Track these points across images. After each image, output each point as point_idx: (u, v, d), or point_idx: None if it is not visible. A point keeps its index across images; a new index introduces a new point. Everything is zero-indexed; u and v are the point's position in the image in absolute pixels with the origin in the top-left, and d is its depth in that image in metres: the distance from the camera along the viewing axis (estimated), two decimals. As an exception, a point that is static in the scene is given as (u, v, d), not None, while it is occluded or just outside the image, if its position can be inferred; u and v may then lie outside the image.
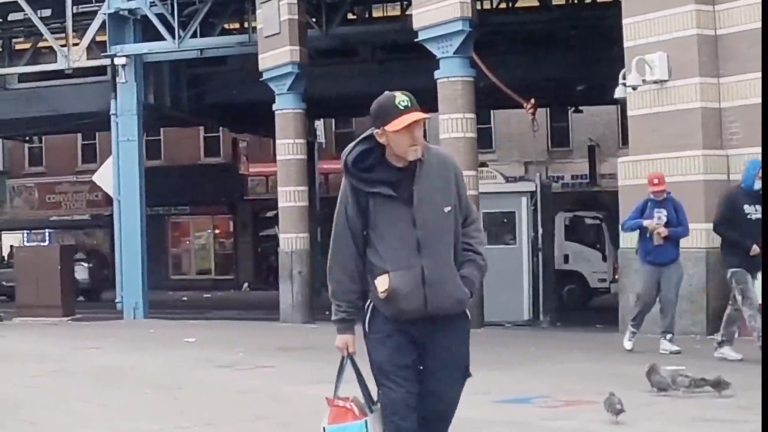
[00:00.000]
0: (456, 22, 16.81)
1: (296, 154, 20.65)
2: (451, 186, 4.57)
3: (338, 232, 4.57)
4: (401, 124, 4.42)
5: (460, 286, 4.54)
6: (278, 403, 8.86)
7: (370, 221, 4.49)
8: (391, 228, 4.46)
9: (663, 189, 11.87)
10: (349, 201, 4.52)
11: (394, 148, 4.47)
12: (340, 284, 4.60)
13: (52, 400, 9.55)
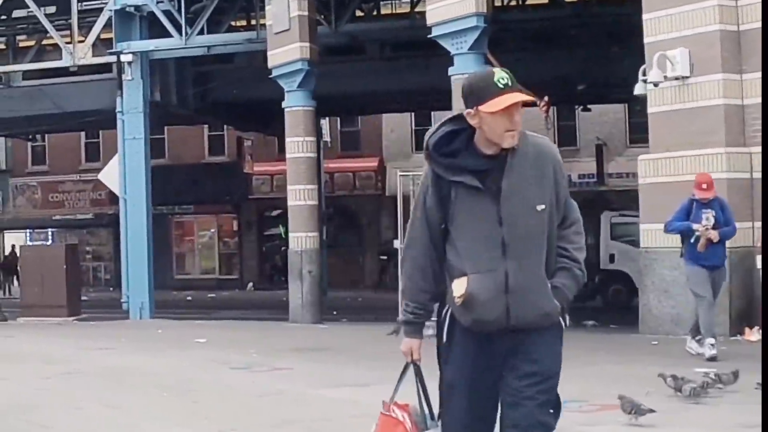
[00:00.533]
0: (470, 18, 16.56)
1: (306, 152, 20.40)
2: (548, 181, 3.97)
3: (414, 222, 4.06)
4: (499, 105, 3.80)
5: (549, 296, 3.94)
6: (302, 407, 8.57)
7: (450, 214, 3.95)
8: (473, 224, 3.92)
9: (711, 195, 11.13)
10: (429, 189, 3.97)
11: (486, 132, 3.87)
12: (411, 281, 4.09)
13: (66, 402, 9.27)
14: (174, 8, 22.73)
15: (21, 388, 10.27)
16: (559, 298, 3.97)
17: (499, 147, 3.90)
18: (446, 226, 3.98)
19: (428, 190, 3.98)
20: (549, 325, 3.99)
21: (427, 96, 28.81)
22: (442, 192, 3.95)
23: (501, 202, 3.89)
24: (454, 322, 4.01)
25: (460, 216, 3.94)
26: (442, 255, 4.01)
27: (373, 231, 37.34)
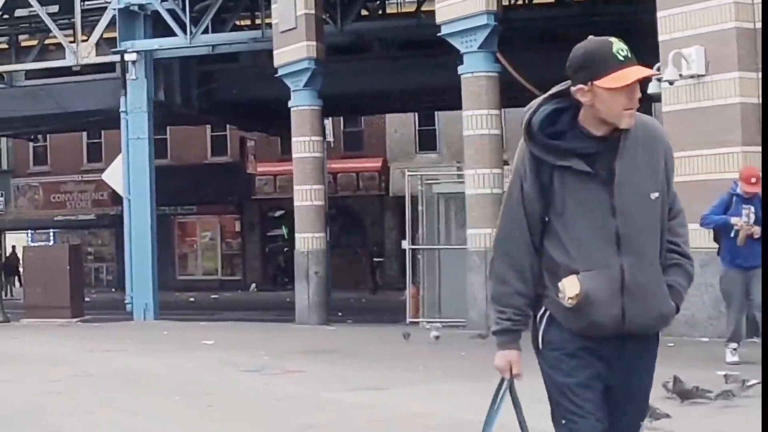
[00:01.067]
0: (481, 15, 16.38)
1: (312, 152, 20.21)
2: (660, 166, 3.56)
3: (509, 214, 3.52)
4: (622, 80, 3.34)
5: (666, 296, 3.52)
6: (320, 411, 8.37)
7: (553, 203, 3.46)
8: (583, 214, 3.43)
9: (758, 191, 10.36)
10: (528, 175, 3.47)
11: (601, 110, 3.38)
12: (505, 283, 3.52)
13: (76, 407, 9.07)
14: (178, 7, 22.55)
15: (29, 392, 10.08)
16: (675, 299, 3.57)
17: (610, 128, 3.44)
18: (549, 218, 3.50)
19: (526, 176, 3.48)
20: (656, 333, 3.61)
21: (433, 96, 28.68)
22: (543, 179, 3.47)
23: (614, 190, 3.43)
24: (553, 324, 3.52)
25: (567, 206, 3.46)
26: (540, 251, 3.54)
27: (377, 232, 37.15)
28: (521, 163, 3.51)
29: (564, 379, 3.51)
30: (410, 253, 19.26)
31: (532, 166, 3.48)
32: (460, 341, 14.33)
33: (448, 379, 10.21)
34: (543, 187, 3.46)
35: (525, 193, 3.49)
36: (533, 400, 3.74)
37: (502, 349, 3.62)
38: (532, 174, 3.48)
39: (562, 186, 3.45)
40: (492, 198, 16.70)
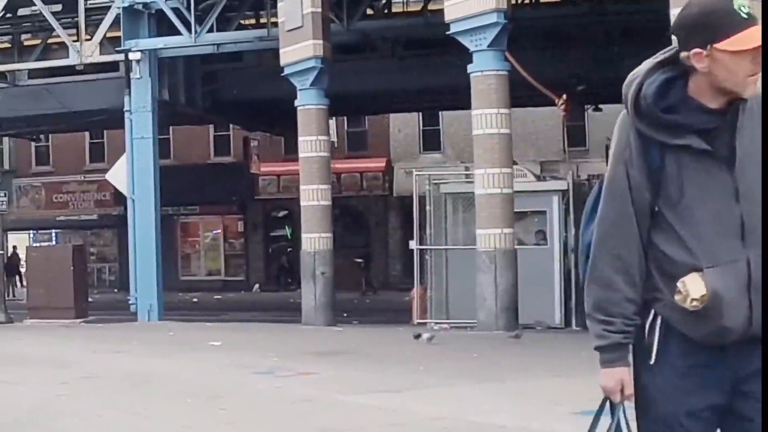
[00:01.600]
0: (491, 14, 16.22)
1: (319, 152, 20.02)
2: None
3: (613, 206, 2.97)
4: (748, 42, 2.79)
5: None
6: (336, 415, 8.20)
7: (665, 191, 2.95)
8: (703, 201, 2.94)
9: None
10: (635, 159, 2.93)
11: (721, 77, 2.85)
12: (612, 289, 2.97)
13: (87, 409, 8.90)
14: (183, 6, 22.38)
15: (36, 394, 9.91)
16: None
17: (727, 98, 2.91)
18: (659, 207, 2.98)
19: (632, 160, 2.94)
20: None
21: (439, 95, 28.54)
22: (652, 161, 2.94)
23: (736, 171, 2.93)
24: (670, 334, 2.98)
25: (685, 193, 2.96)
26: (648, 246, 3.02)
27: (381, 232, 36.99)
28: (625, 145, 2.96)
29: (674, 405, 2.98)
30: (418, 254, 19.07)
31: (639, 147, 2.95)
32: (471, 343, 14.19)
33: (463, 382, 10.05)
34: (652, 173, 2.94)
35: (632, 179, 2.95)
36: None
37: (610, 367, 3.01)
38: (639, 157, 2.95)
39: (678, 170, 2.93)
40: (502, 198, 16.55)
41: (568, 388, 9.29)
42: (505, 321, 16.20)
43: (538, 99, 21.79)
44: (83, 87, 26.23)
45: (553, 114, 33.31)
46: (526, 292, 16.89)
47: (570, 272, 18.48)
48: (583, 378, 10.15)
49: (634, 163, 2.94)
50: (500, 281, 16.39)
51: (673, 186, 2.94)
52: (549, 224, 18.86)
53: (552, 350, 13.24)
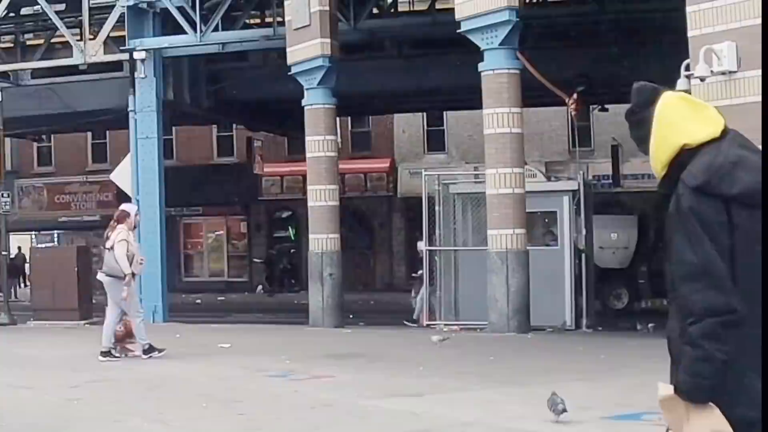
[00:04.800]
0: (502, 12, 16.01)
1: (327, 152, 19.79)
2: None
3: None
4: None
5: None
6: (360, 420, 8.00)
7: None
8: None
9: None
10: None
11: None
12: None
13: (102, 415, 8.70)
14: (188, 4, 22.17)
15: (50, 399, 9.73)
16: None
17: None
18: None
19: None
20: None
21: (445, 95, 28.35)
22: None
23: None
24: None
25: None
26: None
27: (385, 233, 36.79)
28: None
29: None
30: (427, 255, 18.87)
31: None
32: (485, 344, 14.00)
33: (484, 385, 9.86)
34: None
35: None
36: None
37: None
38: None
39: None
40: (513, 198, 16.35)
41: (594, 392, 9.12)
42: (517, 322, 16.01)
43: (546, 99, 21.63)
44: (87, 87, 26.00)
45: (557, 114, 33.17)
46: (536, 294, 16.71)
47: (581, 273, 18.33)
48: (607, 381, 10.04)
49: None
50: (512, 282, 16.20)
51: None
52: (559, 225, 18.69)
53: (568, 352, 13.04)
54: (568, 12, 23.89)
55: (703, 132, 3.05)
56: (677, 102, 3.12)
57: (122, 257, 13.06)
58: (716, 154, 2.97)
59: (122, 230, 13.34)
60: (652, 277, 24.74)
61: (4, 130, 23.52)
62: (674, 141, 3.04)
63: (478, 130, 20.25)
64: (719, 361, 2.76)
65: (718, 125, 3.08)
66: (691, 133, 3.04)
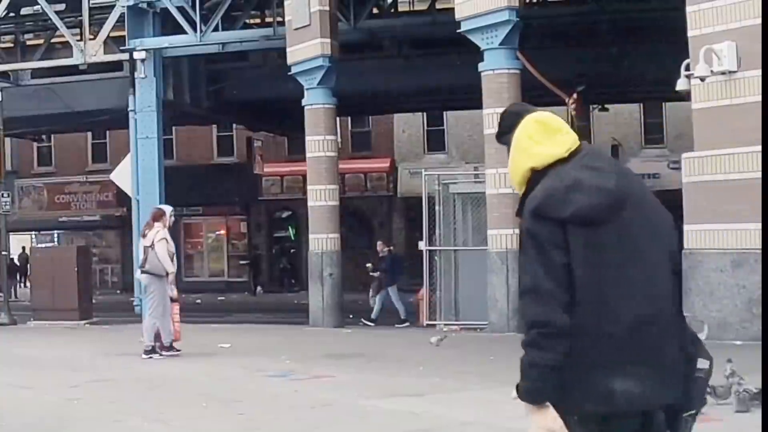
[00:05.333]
0: (503, 11, 16.02)
1: (327, 152, 19.80)
2: None
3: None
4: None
5: None
6: (361, 420, 8.00)
7: None
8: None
9: None
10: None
11: None
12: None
13: (102, 415, 8.70)
14: (188, 4, 22.18)
15: (49, 399, 9.72)
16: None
17: None
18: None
19: None
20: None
21: (445, 95, 28.35)
22: None
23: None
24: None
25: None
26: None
27: (385, 233, 36.75)
28: None
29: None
30: (427, 255, 18.86)
31: None
32: (485, 344, 14.00)
33: (484, 385, 9.86)
34: None
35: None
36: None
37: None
38: None
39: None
40: (513, 198, 16.31)
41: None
42: (517, 322, 15.97)
43: (546, 99, 21.57)
44: (87, 87, 26.01)
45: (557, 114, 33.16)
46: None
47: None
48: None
49: None
50: (512, 282, 16.16)
51: None
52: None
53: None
54: (568, 12, 23.89)
55: (548, 155, 3.20)
56: (532, 126, 3.27)
57: (164, 256, 13.13)
58: (555, 177, 3.16)
59: (160, 228, 13.39)
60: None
61: (4, 130, 23.52)
62: (523, 164, 3.24)
63: (478, 130, 20.25)
64: (543, 367, 3.04)
65: (566, 147, 3.22)
66: (538, 157, 3.21)
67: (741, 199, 13.16)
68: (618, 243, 3.13)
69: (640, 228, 3.17)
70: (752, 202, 12.45)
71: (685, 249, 14.15)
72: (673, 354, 3.17)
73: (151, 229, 13.43)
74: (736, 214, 13.29)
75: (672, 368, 3.16)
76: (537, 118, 3.30)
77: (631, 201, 3.18)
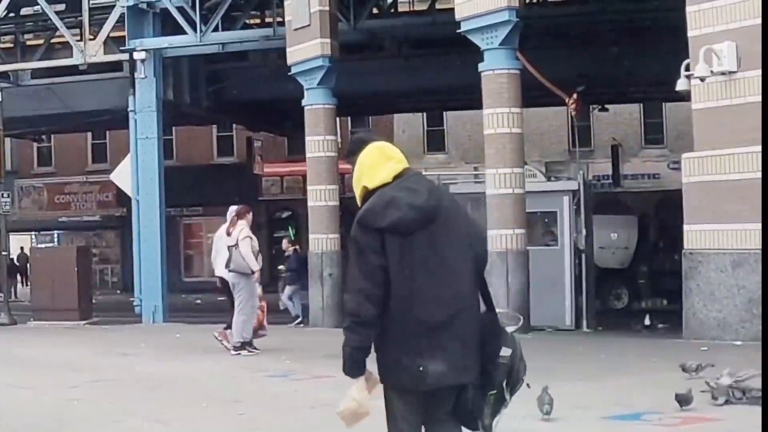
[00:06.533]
0: (503, 12, 15.97)
1: (327, 152, 19.80)
2: None
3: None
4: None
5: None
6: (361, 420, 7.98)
7: None
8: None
9: None
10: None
11: None
12: None
13: (102, 415, 8.70)
14: (188, 5, 22.18)
15: (49, 399, 9.73)
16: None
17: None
18: None
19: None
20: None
21: (445, 95, 28.37)
22: None
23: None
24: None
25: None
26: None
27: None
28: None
29: None
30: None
31: None
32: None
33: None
34: None
35: None
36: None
37: None
38: None
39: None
40: (514, 198, 16.34)
41: (593, 393, 9.12)
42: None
43: (546, 99, 21.62)
44: (87, 87, 26.02)
45: (557, 114, 33.17)
46: (536, 294, 16.70)
47: (581, 274, 18.33)
48: (607, 381, 10.03)
49: None
50: (512, 282, 16.18)
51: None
52: (559, 225, 18.69)
53: (568, 353, 13.04)
54: (568, 12, 23.88)
55: (378, 178, 4.02)
56: (372, 152, 4.08)
57: (249, 254, 13.19)
58: (377, 196, 3.98)
59: (244, 226, 13.43)
60: (652, 277, 24.78)
61: (4, 130, 23.53)
62: (361, 183, 4.08)
63: (478, 130, 20.23)
64: (352, 347, 4.00)
65: (393, 174, 4.04)
66: (371, 179, 4.04)
67: (741, 199, 13.16)
68: (426, 249, 3.89)
69: (446, 237, 3.93)
70: (752, 202, 12.46)
71: (685, 249, 14.18)
72: (472, 342, 3.93)
73: (235, 228, 13.45)
74: (736, 214, 13.29)
75: (471, 354, 3.93)
76: (377, 146, 4.08)
77: (441, 215, 3.95)
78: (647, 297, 24.74)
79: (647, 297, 24.74)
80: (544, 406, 7.33)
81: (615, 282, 24.13)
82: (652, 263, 25.13)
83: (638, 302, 24.51)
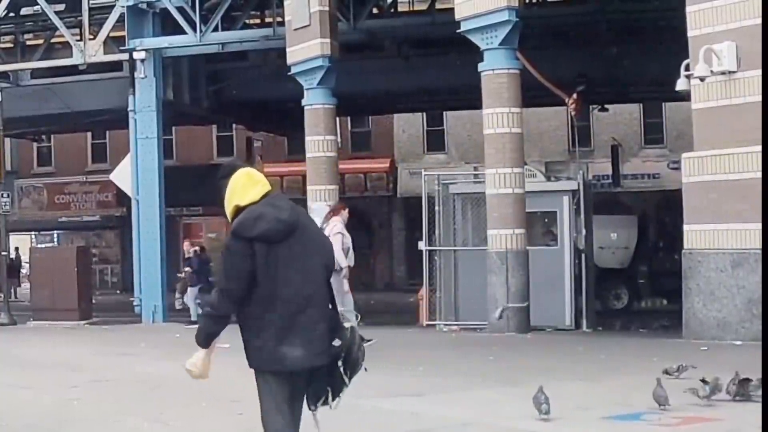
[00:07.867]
0: (502, 11, 16.01)
1: (327, 152, 19.82)
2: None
3: None
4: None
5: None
6: (360, 420, 7.97)
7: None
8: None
9: None
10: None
11: None
12: None
13: (102, 416, 8.70)
14: (188, 4, 22.18)
15: (49, 399, 9.72)
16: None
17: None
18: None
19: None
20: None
21: (445, 95, 28.37)
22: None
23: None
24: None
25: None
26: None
27: (385, 233, 36.79)
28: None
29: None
30: (427, 255, 18.85)
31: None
32: (484, 344, 13.99)
33: (484, 385, 9.87)
34: None
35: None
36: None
37: None
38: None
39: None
40: (513, 198, 16.36)
41: (594, 392, 9.13)
42: (517, 322, 16.02)
43: (546, 99, 21.63)
44: (87, 87, 26.02)
45: (557, 114, 33.17)
46: (535, 294, 16.72)
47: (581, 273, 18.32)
48: (607, 381, 10.03)
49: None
50: (512, 282, 16.20)
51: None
52: (559, 225, 18.68)
53: (568, 352, 13.04)
54: (568, 12, 23.88)
55: (248, 198, 4.82)
56: (241, 176, 4.88)
57: (339, 250, 13.18)
58: (248, 212, 4.77)
59: (338, 223, 13.46)
60: (652, 277, 24.79)
61: (4, 130, 23.52)
62: (233, 202, 4.86)
63: (478, 130, 20.24)
64: (205, 331, 5.07)
65: (260, 195, 4.83)
66: (242, 198, 4.83)
67: (741, 199, 13.17)
68: (287, 255, 4.71)
69: (302, 246, 4.76)
70: (752, 202, 12.47)
71: (685, 249, 14.18)
72: (322, 331, 4.76)
73: (328, 223, 13.47)
74: (736, 214, 13.30)
75: (321, 341, 4.76)
76: (245, 171, 4.90)
77: (299, 228, 4.78)
78: (647, 297, 24.77)
79: (647, 297, 24.77)
80: (541, 406, 7.32)
81: (615, 282, 24.13)
82: (652, 263, 25.15)
83: (638, 302, 24.52)
